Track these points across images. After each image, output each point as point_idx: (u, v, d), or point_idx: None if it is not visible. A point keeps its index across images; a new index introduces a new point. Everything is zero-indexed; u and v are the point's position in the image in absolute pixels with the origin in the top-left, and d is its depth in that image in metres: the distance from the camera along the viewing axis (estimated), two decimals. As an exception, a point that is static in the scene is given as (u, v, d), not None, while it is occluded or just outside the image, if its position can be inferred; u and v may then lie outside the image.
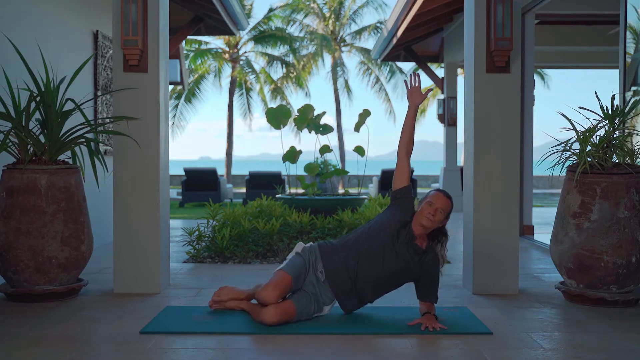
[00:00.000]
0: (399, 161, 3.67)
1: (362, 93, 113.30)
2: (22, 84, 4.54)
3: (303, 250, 3.65)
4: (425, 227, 3.51)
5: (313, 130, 8.00)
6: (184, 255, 6.04)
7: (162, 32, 4.43)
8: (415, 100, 3.68)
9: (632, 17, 5.30)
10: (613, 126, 4.11)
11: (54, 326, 3.44)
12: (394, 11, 9.43)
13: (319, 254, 3.61)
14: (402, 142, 3.68)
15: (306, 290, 3.53)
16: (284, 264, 3.58)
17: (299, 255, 3.62)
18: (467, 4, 4.54)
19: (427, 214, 3.49)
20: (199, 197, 14.49)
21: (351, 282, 3.53)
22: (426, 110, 28.98)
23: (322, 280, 3.55)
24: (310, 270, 3.57)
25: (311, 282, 3.54)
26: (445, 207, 3.53)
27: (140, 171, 4.32)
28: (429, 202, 3.53)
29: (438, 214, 3.50)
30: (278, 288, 3.42)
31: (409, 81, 3.72)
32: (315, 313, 3.54)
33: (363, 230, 3.65)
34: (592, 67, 12.68)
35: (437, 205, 3.51)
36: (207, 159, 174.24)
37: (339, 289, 3.54)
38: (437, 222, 3.52)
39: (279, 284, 3.43)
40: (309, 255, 3.61)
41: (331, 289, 3.55)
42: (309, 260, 3.59)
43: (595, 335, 3.35)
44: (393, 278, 3.55)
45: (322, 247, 3.65)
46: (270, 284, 3.45)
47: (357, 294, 3.57)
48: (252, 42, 26.48)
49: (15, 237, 3.93)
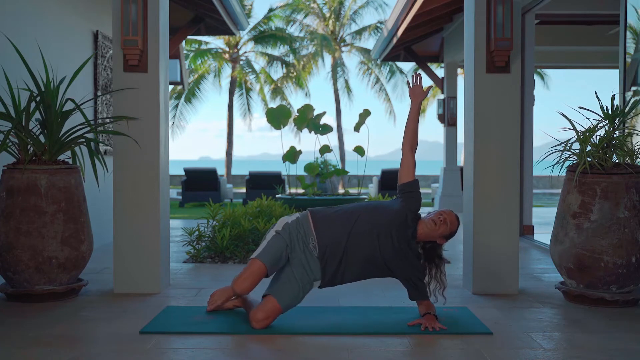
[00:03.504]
0: (404, 156, 3.66)
1: (362, 93, 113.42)
2: (22, 84, 4.54)
3: (284, 229, 3.46)
4: (427, 231, 3.49)
5: (313, 130, 8.01)
6: (184, 255, 6.04)
7: (162, 32, 4.43)
8: (417, 97, 3.72)
9: (632, 17, 5.30)
10: (613, 126, 4.11)
11: (54, 326, 3.44)
12: (394, 11, 9.43)
13: (312, 228, 3.46)
14: (406, 138, 3.68)
15: (294, 273, 3.41)
16: (260, 248, 3.43)
17: (278, 235, 3.45)
18: (467, 4, 4.54)
19: (435, 219, 3.49)
20: (199, 197, 14.49)
21: (340, 259, 3.42)
22: (426, 110, 29.01)
23: (315, 256, 3.42)
24: (298, 247, 3.44)
25: (300, 262, 3.41)
26: (452, 224, 3.51)
27: (140, 171, 4.32)
28: (441, 212, 3.54)
29: (444, 225, 3.49)
30: (249, 279, 3.38)
31: (411, 81, 3.76)
32: (306, 293, 3.47)
33: (369, 206, 3.55)
34: (592, 67, 12.68)
35: (447, 217, 3.51)
36: (207, 159, 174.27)
37: (329, 265, 3.43)
38: (439, 233, 3.49)
39: (250, 275, 3.38)
40: (296, 230, 3.46)
41: (320, 264, 3.42)
42: (291, 238, 3.44)
43: (595, 335, 3.35)
44: (382, 265, 3.46)
45: (316, 220, 3.49)
46: (241, 276, 3.41)
47: (341, 273, 3.46)
48: (252, 42, 26.50)
49: (15, 237, 3.93)
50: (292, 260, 3.45)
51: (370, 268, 3.49)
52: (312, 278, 3.45)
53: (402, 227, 3.47)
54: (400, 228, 3.46)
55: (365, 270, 3.51)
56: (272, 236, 3.48)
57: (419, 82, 3.75)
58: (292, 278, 3.42)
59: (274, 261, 3.42)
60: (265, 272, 3.41)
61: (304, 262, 3.43)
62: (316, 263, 3.44)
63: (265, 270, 3.40)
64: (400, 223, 3.47)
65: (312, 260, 3.44)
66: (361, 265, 3.47)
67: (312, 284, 3.48)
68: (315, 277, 3.46)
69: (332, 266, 3.44)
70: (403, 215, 3.50)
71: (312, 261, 3.44)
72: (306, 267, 3.43)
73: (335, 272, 3.45)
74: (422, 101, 3.74)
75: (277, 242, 3.44)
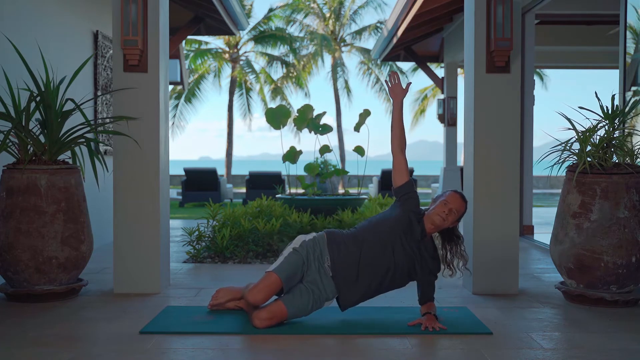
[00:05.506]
0: (395, 158, 3.65)
1: (362, 93, 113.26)
2: (22, 84, 4.54)
3: (301, 246, 3.50)
4: (437, 225, 3.50)
5: (313, 131, 8.01)
6: (184, 255, 6.04)
7: (162, 32, 4.43)
8: (398, 95, 3.68)
9: (632, 17, 5.30)
10: (613, 126, 4.11)
11: (54, 326, 3.44)
12: (394, 11, 9.43)
13: (327, 248, 3.50)
14: (394, 139, 3.66)
15: (307, 287, 3.44)
16: (277, 263, 3.46)
17: (295, 252, 3.48)
18: (467, 4, 4.54)
19: (440, 213, 3.48)
20: (199, 197, 14.49)
21: (357, 276, 3.45)
22: (426, 110, 28.99)
23: (329, 275, 3.46)
24: (314, 265, 3.47)
25: (314, 281, 3.45)
26: (459, 209, 3.52)
27: (140, 171, 4.32)
28: (445, 201, 3.52)
29: (452, 215, 3.49)
30: (264, 291, 3.40)
31: (389, 80, 3.72)
32: (314, 310, 3.49)
33: (370, 224, 3.57)
34: (592, 67, 12.68)
35: (452, 205, 3.50)
36: (207, 159, 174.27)
37: (344, 283, 3.46)
38: (449, 222, 3.51)
39: (266, 287, 3.40)
40: (312, 249, 3.49)
41: (335, 283, 3.46)
42: (308, 256, 3.48)
43: (595, 335, 3.35)
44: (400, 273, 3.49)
45: (331, 241, 3.52)
46: (257, 287, 3.42)
47: (362, 292, 3.49)
48: (252, 42, 26.51)
49: (15, 237, 3.93)
50: (307, 277, 3.47)
51: (392, 280, 3.51)
52: (324, 297, 3.48)
53: (410, 231, 3.49)
54: (407, 232, 3.49)
55: (386, 283, 3.52)
56: (289, 252, 3.51)
57: (397, 81, 3.71)
58: (305, 292, 3.44)
59: (289, 276, 3.43)
60: (281, 286, 3.42)
61: (318, 280, 3.46)
62: (330, 282, 3.46)
63: (281, 284, 3.41)
64: (407, 227, 3.49)
65: (326, 279, 3.46)
66: (381, 279, 3.49)
67: (323, 304, 3.51)
68: (328, 296, 3.49)
69: (347, 285, 3.47)
70: (406, 219, 3.51)
71: (326, 280, 3.46)
72: (319, 286, 3.46)
73: (353, 291, 3.48)
74: (404, 99, 3.71)
75: (294, 258, 3.47)
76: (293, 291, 3.46)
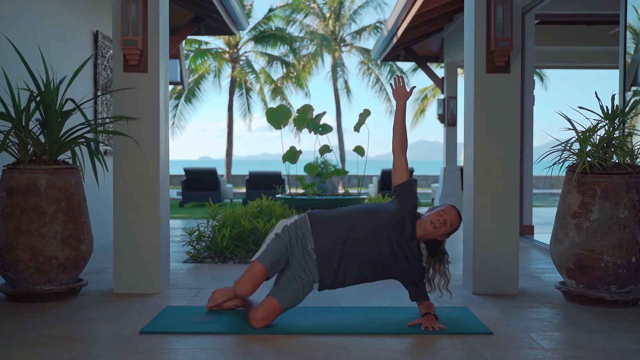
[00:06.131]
0: (396, 158, 3.65)
1: (362, 93, 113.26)
2: (22, 84, 4.54)
3: (283, 231, 3.47)
4: (427, 233, 3.48)
5: (313, 130, 8.01)
6: (184, 255, 6.04)
7: (162, 32, 4.43)
8: (402, 97, 3.71)
9: (632, 17, 5.30)
10: (613, 126, 4.11)
11: (54, 326, 3.44)
12: (394, 11, 9.43)
13: (310, 230, 3.48)
14: (395, 139, 3.67)
15: (294, 274, 3.43)
16: (260, 252, 3.45)
17: (277, 237, 3.46)
18: (467, 4, 4.54)
19: (434, 220, 3.46)
20: (199, 197, 14.49)
21: (338, 263, 3.43)
22: (426, 110, 29.00)
23: (313, 257, 3.44)
24: (297, 250, 3.45)
25: (300, 264, 3.43)
26: (453, 223, 3.49)
27: (140, 171, 4.32)
28: (442, 211, 3.50)
29: (445, 226, 3.47)
30: (250, 281, 3.40)
31: (393, 83, 3.76)
32: (306, 295, 3.49)
33: (365, 209, 3.55)
34: (592, 67, 12.68)
35: (448, 217, 3.48)
36: (207, 159, 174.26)
37: (327, 267, 3.44)
38: (440, 233, 3.49)
39: (251, 278, 3.40)
40: (295, 232, 3.47)
41: (318, 266, 3.44)
42: (291, 240, 3.46)
43: (595, 335, 3.35)
44: (382, 267, 3.47)
45: (314, 222, 3.50)
46: (242, 279, 3.43)
47: (341, 276, 3.46)
48: (252, 42, 26.50)
49: (15, 237, 3.93)
50: (292, 262, 3.46)
51: (371, 271, 3.50)
52: (311, 280, 3.47)
53: (400, 228, 3.47)
54: (398, 228, 3.46)
55: (365, 273, 3.51)
56: (271, 239, 3.49)
57: (401, 84, 3.75)
58: (293, 279, 3.44)
59: (274, 263, 3.43)
60: (266, 274, 3.42)
61: (303, 263, 3.45)
62: (315, 265, 3.45)
63: (266, 272, 3.41)
64: (398, 223, 3.47)
65: (310, 262, 3.45)
66: (361, 268, 3.47)
67: (312, 286, 3.50)
68: (315, 278, 3.47)
69: (330, 269, 3.45)
70: (400, 216, 3.49)
71: (311, 263, 3.45)
72: (305, 269, 3.45)
73: (335, 275, 3.46)
74: (407, 101, 3.73)
75: (276, 244, 3.46)
76: (281, 280, 3.46)
